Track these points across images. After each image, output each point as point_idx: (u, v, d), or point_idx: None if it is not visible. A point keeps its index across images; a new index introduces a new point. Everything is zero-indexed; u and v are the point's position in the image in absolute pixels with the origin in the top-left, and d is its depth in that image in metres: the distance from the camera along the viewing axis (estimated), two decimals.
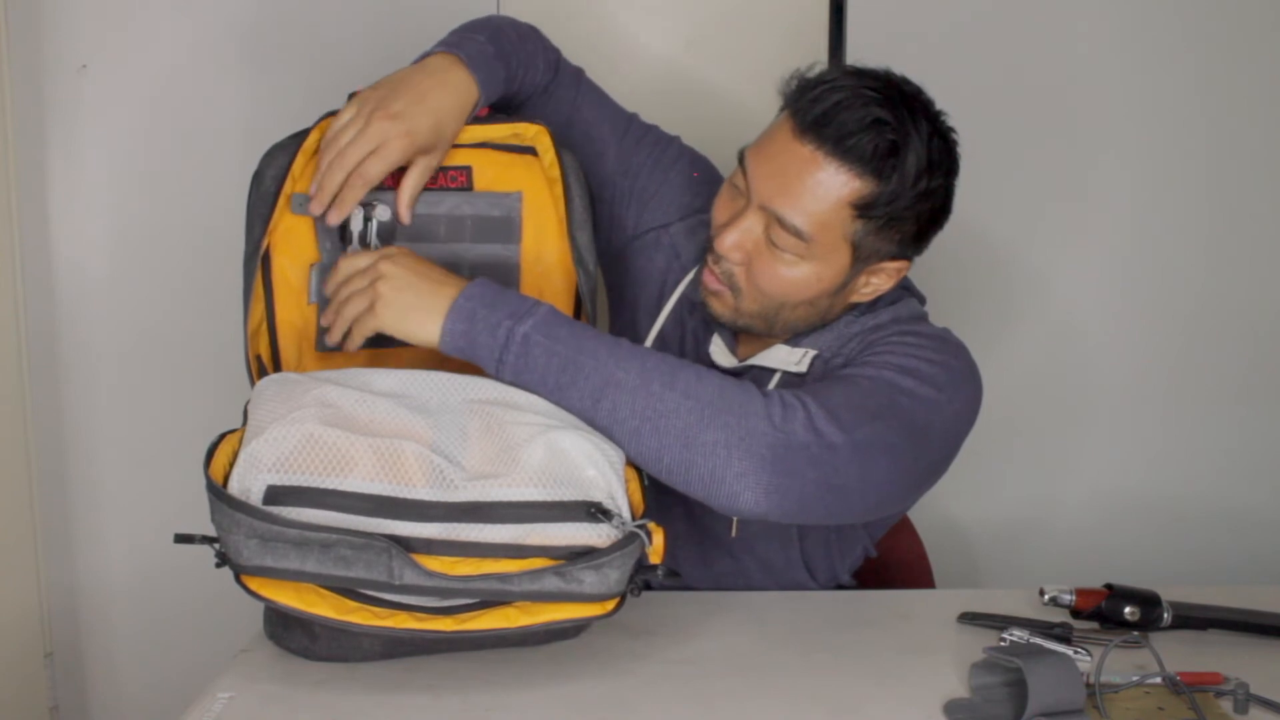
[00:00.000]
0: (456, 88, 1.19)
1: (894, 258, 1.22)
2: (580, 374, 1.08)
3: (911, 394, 1.16)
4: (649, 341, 1.34)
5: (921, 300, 1.33)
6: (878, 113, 1.14)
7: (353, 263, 1.13)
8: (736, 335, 1.29)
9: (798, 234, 1.16)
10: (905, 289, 1.32)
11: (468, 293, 1.09)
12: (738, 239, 1.19)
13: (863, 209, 1.16)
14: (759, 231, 1.19)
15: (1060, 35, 1.88)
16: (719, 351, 1.29)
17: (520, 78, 1.29)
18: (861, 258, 1.20)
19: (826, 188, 1.15)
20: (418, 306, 1.09)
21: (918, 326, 1.26)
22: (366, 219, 1.18)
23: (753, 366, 1.27)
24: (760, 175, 1.18)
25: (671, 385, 1.08)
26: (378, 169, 1.15)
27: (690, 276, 1.34)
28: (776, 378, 1.25)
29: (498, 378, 1.10)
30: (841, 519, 1.18)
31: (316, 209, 1.17)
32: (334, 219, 1.17)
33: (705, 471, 1.07)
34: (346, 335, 1.13)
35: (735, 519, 1.28)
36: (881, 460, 1.13)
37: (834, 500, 1.12)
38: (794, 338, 1.27)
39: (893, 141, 1.14)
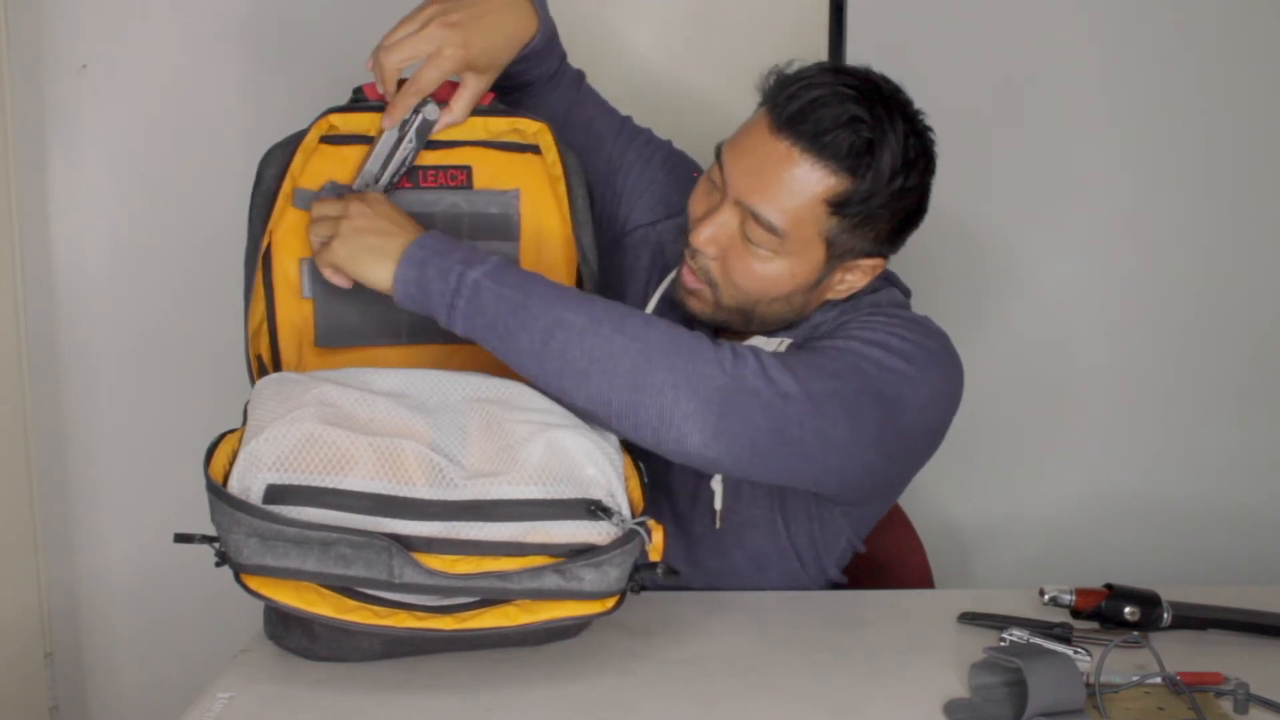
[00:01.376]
0: (518, 12, 1.21)
1: (869, 255, 1.22)
2: (529, 315, 1.07)
3: (879, 364, 1.16)
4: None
5: (906, 293, 1.34)
6: (854, 110, 1.15)
7: (332, 196, 1.15)
8: (717, 332, 1.29)
9: (772, 229, 1.17)
10: (888, 280, 1.32)
11: (420, 241, 1.10)
12: (713, 233, 1.20)
13: (837, 206, 1.16)
14: (734, 226, 1.19)
15: (1059, 35, 1.88)
16: None
17: (550, 48, 1.30)
18: (836, 255, 1.20)
19: (801, 184, 1.15)
20: (373, 249, 1.10)
21: (894, 310, 1.26)
22: (415, 110, 1.18)
23: None
24: (736, 170, 1.18)
25: (621, 329, 1.08)
26: (431, 76, 1.15)
27: (674, 275, 1.34)
28: None
29: (449, 327, 1.09)
30: (804, 479, 1.18)
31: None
32: (387, 123, 1.17)
33: (653, 413, 1.07)
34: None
35: (718, 513, 1.28)
36: (841, 418, 1.12)
37: (790, 453, 1.11)
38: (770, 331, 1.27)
39: (869, 139, 1.15)
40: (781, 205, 1.16)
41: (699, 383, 1.07)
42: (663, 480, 1.27)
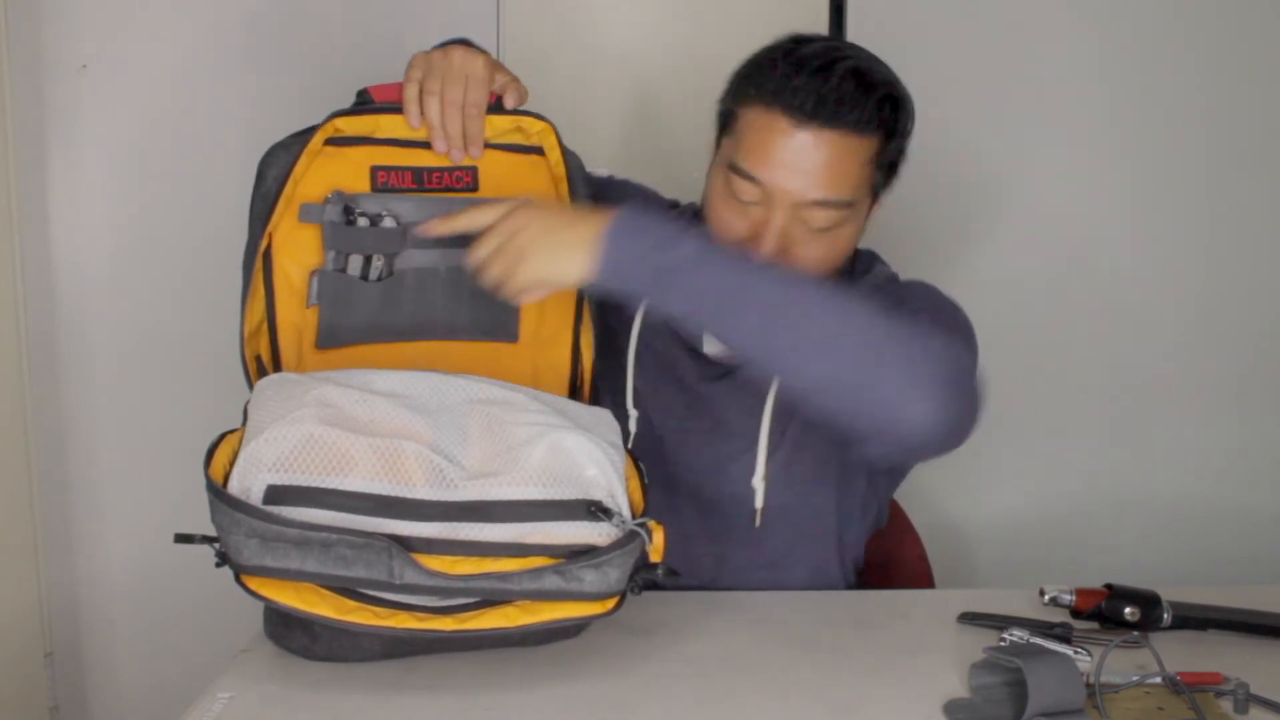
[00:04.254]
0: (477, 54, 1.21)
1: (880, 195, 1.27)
2: (746, 303, 1.06)
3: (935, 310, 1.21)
4: (635, 326, 1.33)
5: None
6: (862, 76, 1.18)
7: (484, 216, 1.14)
8: None
9: (843, 205, 1.20)
10: (875, 259, 1.35)
11: (613, 228, 1.08)
12: (776, 243, 1.20)
13: (880, 161, 1.22)
14: (792, 226, 1.20)
15: (1060, 35, 1.89)
16: (709, 341, 1.29)
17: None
18: (874, 199, 1.25)
19: (850, 157, 1.19)
20: (563, 246, 1.09)
21: (895, 281, 1.31)
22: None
23: None
24: (778, 177, 1.18)
25: (836, 310, 1.06)
26: (481, 94, 1.18)
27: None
28: None
29: (663, 308, 1.09)
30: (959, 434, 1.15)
31: (442, 148, 1.20)
32: (476, 153, 1.21)
33: (888, 391, 1.04)
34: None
35: (759, 510, 1.27)
36: (969, 357, 1.17)
37: (967, 405, 1.10)
38: None
39: (888, 95, 1.19)
40: (841, 184, 1.19)
41: (925, 361, 1.05)
42: (683, 482, 1.26)
